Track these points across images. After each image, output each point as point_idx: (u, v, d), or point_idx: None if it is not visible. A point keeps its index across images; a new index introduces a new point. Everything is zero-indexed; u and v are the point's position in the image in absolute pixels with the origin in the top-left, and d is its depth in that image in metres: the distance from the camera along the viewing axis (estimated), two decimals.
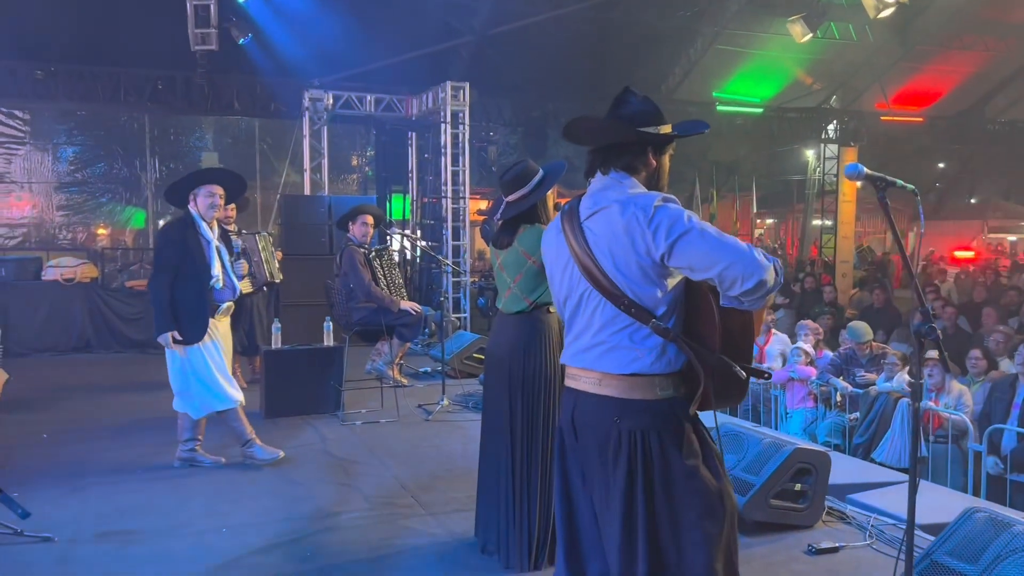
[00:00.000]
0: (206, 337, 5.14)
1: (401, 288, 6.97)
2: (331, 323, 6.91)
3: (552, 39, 12.86)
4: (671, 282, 2.34)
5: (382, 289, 6.64)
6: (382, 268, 6.72)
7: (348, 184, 17.18)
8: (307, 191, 12.21)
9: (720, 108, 15.43)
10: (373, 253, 6.70)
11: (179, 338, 5.07)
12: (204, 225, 5.17)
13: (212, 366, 5.19)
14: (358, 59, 11.91)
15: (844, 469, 5.19)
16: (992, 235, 26.59)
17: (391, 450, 5.80)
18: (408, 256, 12.91)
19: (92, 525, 4.32)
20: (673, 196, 2.36)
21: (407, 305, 6.70)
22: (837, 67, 15.82)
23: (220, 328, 5.34)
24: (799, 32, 11.46)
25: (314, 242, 9.68)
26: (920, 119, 18.07)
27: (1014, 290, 12.16)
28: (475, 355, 8.37)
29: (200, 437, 5.38)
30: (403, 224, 13.34)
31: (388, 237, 8.52)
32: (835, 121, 17.07)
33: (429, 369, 8.69)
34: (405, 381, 7.68)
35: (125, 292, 10.52)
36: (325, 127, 12.32)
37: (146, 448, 5.74)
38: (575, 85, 13.93)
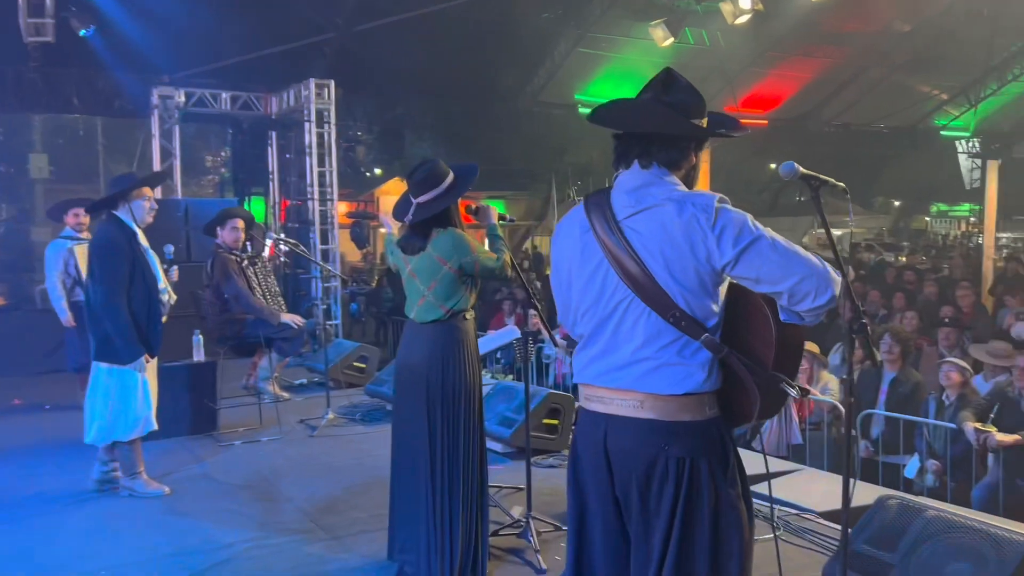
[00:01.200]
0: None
1: (279, 297, 6.58)
2: (200, 336, 6.42)
3: (417, 38, 12.67)
4: (723, 291, 2.15)
5: (260, 299, 6.24)
6: (256, 276, 6.31)
7: (204, 187, 16.28)
8: (157, 195, 11.39)
9: (583, 110, 15.72)
10: (246, 261, 6.27)
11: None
12: (140, 233, 4.77)
13: (149, 387, 4.81)
14: (212, 54, 11.24)
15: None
16: (820, 231, 28.53)
17: (278, 470, 5.44)
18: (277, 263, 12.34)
19: None
20: (726, 197, 2.15)
21: (288, 318, 6.31)
22: (691, 72, 16.22)
23: None
24: (661, 36, 11.81)
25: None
26: (764, 122, 19.13)
27: (857, 282, 13.03)
28: (355, 364, 8.07)
29: (141, 468, 4.94)
30: (264, 229, 12.74)
31: (263, 243, 8.04)
32: None
33: (306, 381, 8.28)
34: (286, 396, 7.27)
35: None
36: (177, 126, 11.55)
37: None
38: (438, 85, 13.79)
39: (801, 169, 2.57)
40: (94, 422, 4.82)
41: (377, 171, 29.15)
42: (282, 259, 11.54)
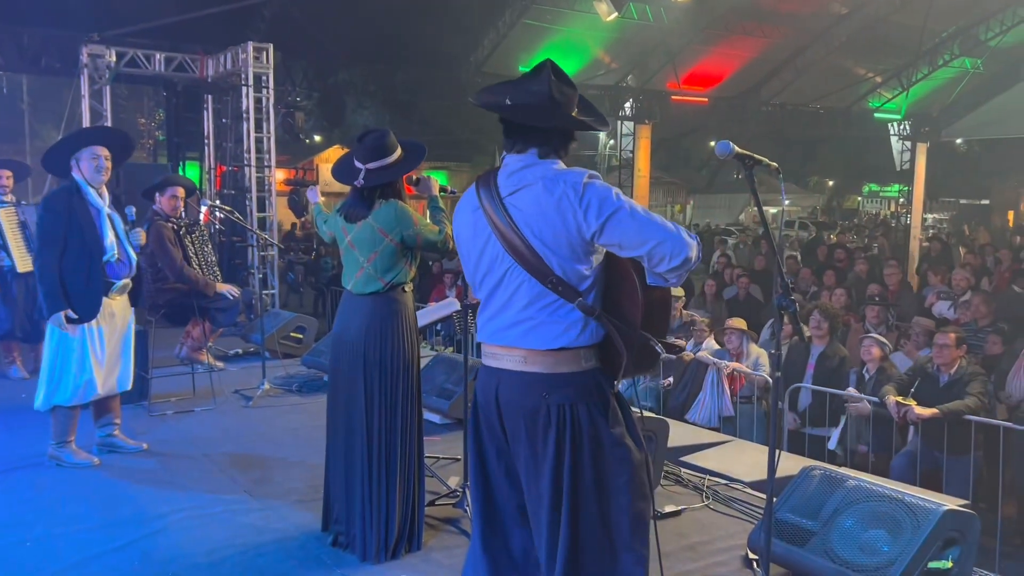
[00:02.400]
0: (95, 320, 4.64)
1: (215, 267, 6.44)
2: None
3: (359, 4, 12.42)
4: (596, 259, 2.37)
5: (195, 269, 6.10)
6: (193, 246, 6.17)
7: (137, 151, 15.76)
8: None
9: None
10: (183, 229, 6.13)
11: (73, 316, 4.56)
12: (92, 192, 4.64)
13: (90, 351, 4.67)
14: (146, 13, 10.82)
15: (672, 433, 5.45)
16: (755, 208, 29.18)
17: (212, 441, 5.37)
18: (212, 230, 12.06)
19: None
20: (597, 172, 2.37)
21: (224, 288, 6.19)
22: (634, 47, 16.52)
23: (117, 309, 4.82)
24: (605, 11, 11.82)
25: None
26: (705, 100, 19.34)
27: (791, 258, 13.36)
28: (292, 334, 7.98)
29: (71, 438, 4.84)
30: (199, 195, 12.43)
31: (197, 210, 7.85)
32: (631, 99, 17.86)
33: (240, 351, 8.15)
34: (220, 365, 7.16)
35: None
36: (107, 87, 11.14)
37: None
38: (379, 52, 13.57)
39: (736, 148, 2.65)
40: (40, 387, 4.77)
41: (317, 138, 28.67)
42: (217, 226, 11.29)
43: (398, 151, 3.59)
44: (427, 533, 3.84)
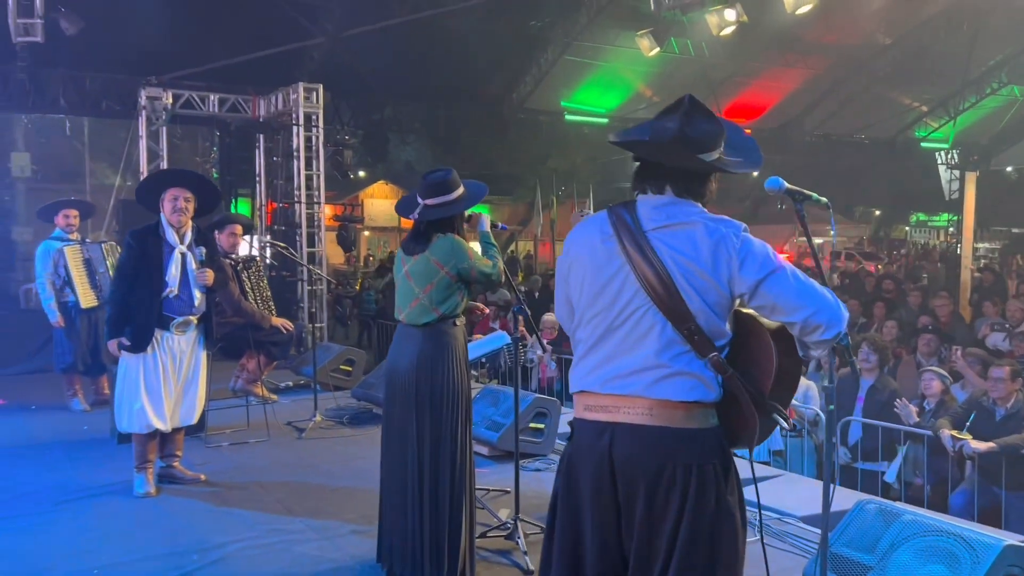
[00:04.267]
0: (149, 349, 4.83)
1: (270, 302, 6.63)
2: None
3: (404, 44, 12.74)
4: (730, 317, 2.23)
5: (251, 303, 6.28)
6: (250, 280, 6.36)
7: None
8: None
9: (568, 118, 15.84)
10: (241, 265, 6.32)
11: (126, 344, 4.81)
12: (170, 230, 4.87)
13: (141, 382, 4.85)
14: (200, 56, 11.25)
15: None
16: (802, 239, 28.80)
17: (267, 472, 5.49)
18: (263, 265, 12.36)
19: None
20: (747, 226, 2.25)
21: (279, 322, 6.37)
22: (675, 80, 16.62)
23: (184, 346, 4.98)
24: (647, 46, 11.95)
25: None
26: (747, 131, 19.26)
27: (836, 289, 13.18)
28: (342, 367, 8.11)
29: (152, 457, 5.03)
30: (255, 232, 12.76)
31: (259, 248, 8.08)
32: None
33: (291, 383, 8.31)
34: (274, 398, 7.31)
35: None
36: (164, 128, 11.55)
37: None
38: (424, 90, 13.87)
39: (787, 185, 2.69)
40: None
41: (361, 174, 29.16)
42: (268, 261, 11.56)
43: (459, 190, 3.71)
44: (479, 564, 3.88)
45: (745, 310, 2.33)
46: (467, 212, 3.91)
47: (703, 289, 2.15)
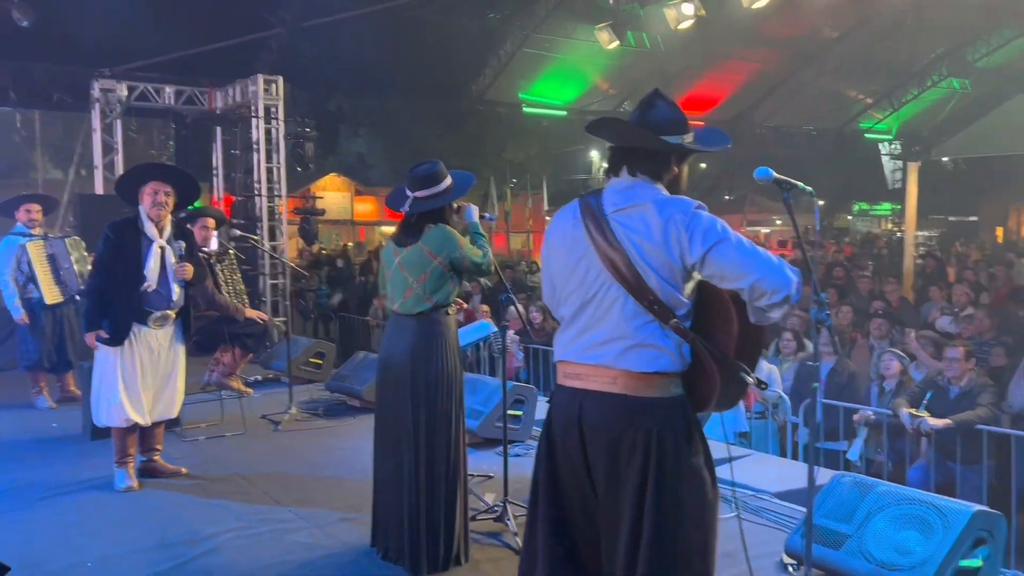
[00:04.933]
0: (126, 343, 4.79)
1: (244, 294, 6.62)
2: None
3: (363, 35, 12.70)
4: (689, 287, 2.38)
5: (224, 296, 6.27)
6: (223, 273, 6.34)
7: None
8: (99, 190, 11.15)
9: (526, 110, 15.95)
10: (214, 258, 6.30)
11: (104, 336, 4.77)
12: (148, 224, 4.82)
13: (119, 376, 4.81)
14: (155, 48, 11.05)
15: None
16: (749, 227, 29.42)
17: (248, 464, 5.50)
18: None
19: None
20: (703, 203, 2.40)
21: (253, 314, 6.36)
22: (631, 73, 16.85)
23: (162, 340, 4.94)
24: (606, 39, 12.11)
25: None
26: (701, 123, 19.66)
27: None
28: (312, 359, 8.11)
29: (132, 452, 4.99)
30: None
31: (230, 240, 8.01)
32: None
33: (260, 377, 8.28)
34: (249, 391, 7.29)
35: None
36: (119, 120, 11.33)
37: None
38: (382, 82, 13.84)
39: (776, 174, 2.86)
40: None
41: (310, 166, 28.85)
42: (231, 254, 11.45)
43: (447, 180, 3.79)
44: (472, 547, 3.98)
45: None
46: (455, 204, 3.99)
47: (658, 265, 2.33)
